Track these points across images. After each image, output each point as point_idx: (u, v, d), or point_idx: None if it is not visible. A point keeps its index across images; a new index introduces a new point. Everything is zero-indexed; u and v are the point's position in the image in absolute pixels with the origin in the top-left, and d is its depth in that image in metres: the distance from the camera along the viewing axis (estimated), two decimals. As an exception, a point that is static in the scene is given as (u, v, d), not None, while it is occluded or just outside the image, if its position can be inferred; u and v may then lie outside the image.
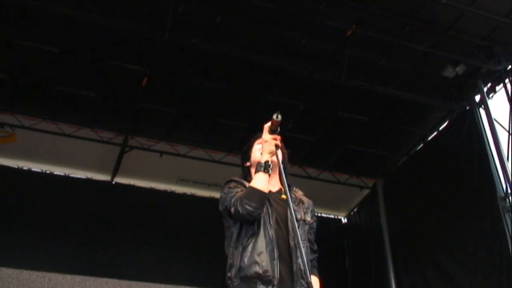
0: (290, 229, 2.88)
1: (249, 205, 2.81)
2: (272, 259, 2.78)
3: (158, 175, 10.95)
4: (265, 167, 2.93)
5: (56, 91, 9.17)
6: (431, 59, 8.84)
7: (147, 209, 10.54)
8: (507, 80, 8.78)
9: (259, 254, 2.79)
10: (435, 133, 10.41)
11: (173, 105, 9.69)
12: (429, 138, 10.55)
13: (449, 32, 8.32)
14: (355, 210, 12.70)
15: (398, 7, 7.97)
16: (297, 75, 8.88)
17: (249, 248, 2.83)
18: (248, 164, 3.28)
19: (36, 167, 10.51)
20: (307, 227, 3.06)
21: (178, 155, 10.50)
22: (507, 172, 8.22)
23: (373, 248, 11.39)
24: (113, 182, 10.90)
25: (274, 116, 2.92)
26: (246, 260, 2.79)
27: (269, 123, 3.00)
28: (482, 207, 8.45)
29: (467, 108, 9.40)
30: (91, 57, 8.59)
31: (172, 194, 11.24)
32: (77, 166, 10.67)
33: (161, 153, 10.40)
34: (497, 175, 8.37)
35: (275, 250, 2.81)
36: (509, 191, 8.13)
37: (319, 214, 12.49)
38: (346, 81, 8.73)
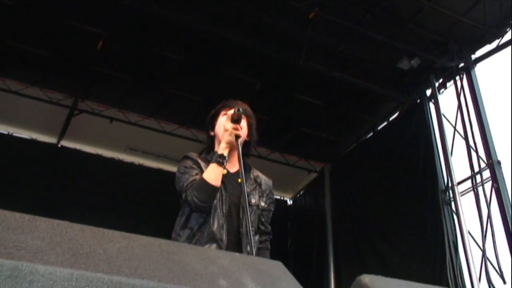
0: (241, 216, 2.85)
1: (197, 199, 2.76)
2: (219, 248, 2.73)
3: (106, 142, 10.74)
4: (220, 161, 2.83)
5: (6, 46, 8.79)
6: (388, 49, 8.95)
7: (93, 175, 10.35)
8: (457, 78, 9.01)
9: (205, 242, 2.75)
10: (385, 123, 10.62)
11: (128, 72, 9.49)
12: (379, 128, 10.75)
13: (408, 24, 8.45)
14: (301, 192, 12.86)
15: (361, -6, 8.04)
16: (256, 53, 8.83)
17: (198, 235, 2.79)
18: (212, 133, 3.17)
19: (-22, 123, 10.10)
20: (260, 211, 3.04)
21: (129, 123, 10.32)
22: (449, 167, 8.49)
23: (316, 231, 11.59)
24: (59, 145, 10.63)
25: (236, 110, 2.84)
26: None
27: (232, 111, 2.89)
28: (423, 199, 8.71)
29: (418, 101, 9.62)
30: (47, 13, 8.28)
31: (119, 162, 11.06)
32: (22, 125, 10.31)
33: (112, 119, 10.18)
34: (440, 168, 8.64)
35: (224, 239, 2.77)
36: (449, 184, 8.41)
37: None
38: (304, 64, 8.78)
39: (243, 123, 3.01)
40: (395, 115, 10.36)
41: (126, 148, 11.01)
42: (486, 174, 7.96)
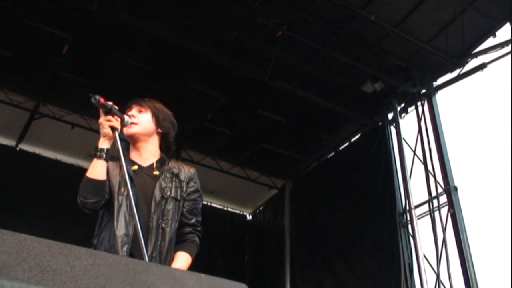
0: (152, 210, 2.76)
1: (81, 196, 2.70)
2: (122, 245, 2.64)
3: (66, 147, 10.51)
4: (98, 154, 2.76)
5: (-33, 45, 8.58)
6: (352, 72, 9.12)
7: (51, 181, 10.09)
8: (419, 103, 9.24)
9: (108, 240, 2.68)
10: (347, 143, 10.78)
11: (91, 78, 9.33)
12: (341, 148, 10.90)
13: (373, 49, 8.65)
14: (261, 208, 12.88)
15: (329, 17, 8.17)
16: (222, 66, 8.84)
17: (102, 235, 2.73)
18: None
19: None
20: (179, 203, 2.90)
21: (91, 129, 10.14)
22: (407, 190, 8.64)
23: (274, 247, 11.60)
24: (18, 149, 10.36)
25: (92, 100, 2.70)
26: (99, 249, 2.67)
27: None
28: (381, 220, 8.84)
29: (380, 124, 9.81)
30: (11, 14, 8.11)
31: (79, 169, 10.80)
32: (-21, 127, 10.06)
33: (73, 125, 10.02)
34: (398, 191, 8.80)
35: (130, 234, 2.66)
36: (407, 208, 8.56)
37: (225, 208, 12.55)
38: (269, 81, 8.86)
39: (145, 115, 3.03)
40: (357, 136, 10.53)
41: (86, 155, 10.79)
42: (443, 199, 8.16)
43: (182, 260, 2.78)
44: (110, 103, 2.80)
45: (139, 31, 8.25)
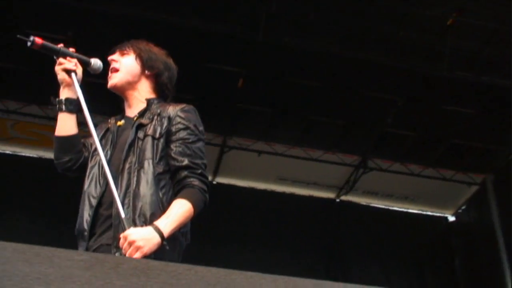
0: (125, 153, 2.39)
1: (55, 159, 2.52)
2: (90, 206, 2.35)
3: (257, 174, 11.05)
4: (58, 107, 2.47)
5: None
6: (544, 45, 8.22)
7: (247, 208, 10.65)
8: None
9: (81, 204, 2.41)
10: (550, 123, 9.66)
11: (269, 105, 9.74)
12: (545, 130, 9.81)
13: None
14: (463, 207, 12.08)
15: (503, -11, 7.51)
16: (394, 69, 8.61)
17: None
18: None
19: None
20: (158, 141, 2.42)
21: (276, 154, 10.54)
22: None
23: (486, 247, 10.83)
24: (214, 182, 11.12)
25: (28, 44, 2.34)
26: None
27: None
28: None
29: None
30: (188, 60, 8.79)
31: (271, 193, 11.29)
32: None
33: (259, 152, 10.49)
34: None
35: (93, 195, 2.38)
36: None
37: (424, 212, 12.03)
38: (448, 73, 8.37)
39: (128, 58, 2.62)
40: (562, 113, 9.38)
41: (276, 179, 11.23)
42: None
43: (175, 207, 2.26)
44: (61, 44, 2.47)
45: (305, 51, 8.41)
